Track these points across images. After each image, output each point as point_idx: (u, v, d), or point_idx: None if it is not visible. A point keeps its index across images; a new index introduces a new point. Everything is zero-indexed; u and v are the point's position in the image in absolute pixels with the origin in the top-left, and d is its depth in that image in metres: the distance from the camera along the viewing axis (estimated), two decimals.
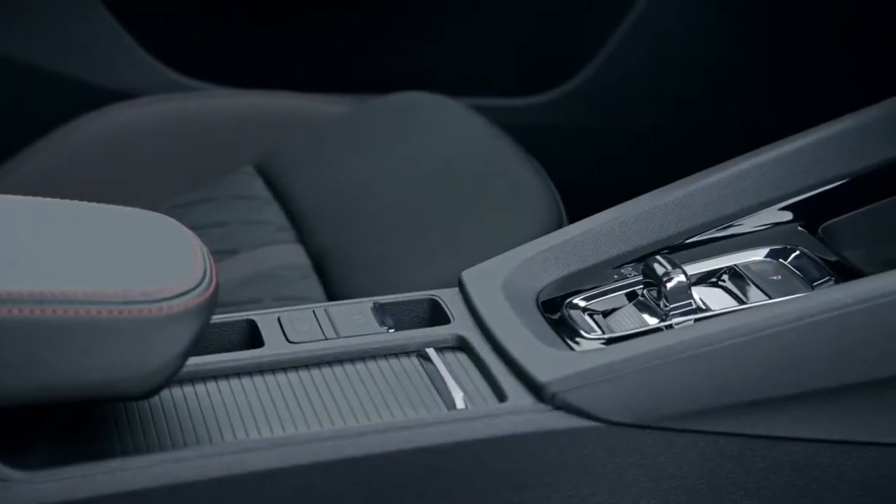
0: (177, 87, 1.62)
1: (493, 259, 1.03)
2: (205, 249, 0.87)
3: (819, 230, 1.04)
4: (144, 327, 0.81)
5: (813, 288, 0.98)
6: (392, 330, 0.97)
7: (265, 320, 0.97)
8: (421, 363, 0.95)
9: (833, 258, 1.01)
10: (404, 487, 0.86)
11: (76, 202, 0.89)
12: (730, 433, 0.88)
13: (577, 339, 0.97)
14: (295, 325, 0.96)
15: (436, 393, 0.91)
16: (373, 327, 0.97)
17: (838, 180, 1.05)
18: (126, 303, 0.81)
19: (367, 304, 0.99)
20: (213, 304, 0.84)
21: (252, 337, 0.96)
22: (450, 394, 0.91)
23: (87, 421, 0.87)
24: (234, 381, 0.92)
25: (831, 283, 0.98)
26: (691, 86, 1.63)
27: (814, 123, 1.08)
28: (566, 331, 0.97)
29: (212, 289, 0.84)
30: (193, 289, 0.83)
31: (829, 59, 1.54)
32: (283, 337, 0.95)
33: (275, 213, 1.36)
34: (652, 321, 0.97)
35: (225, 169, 1.45)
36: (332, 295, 1.24)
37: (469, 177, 1.33)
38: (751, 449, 0.88)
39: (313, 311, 0.98)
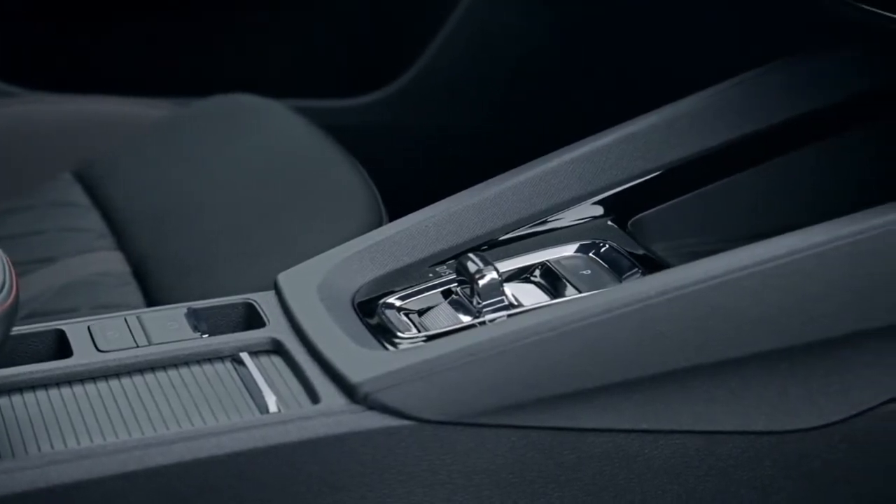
0: None
1: (309, 261, 1.03)
2: (5, 259, 0.85)
3: (628, 224, 1.07)
4: None
5: (621, 281, 1.00)
6: (206, 335, 0.97)
7: (75, 329, 0.95)
8: (235, 368, 0.94)
9: (641, 251, 1.03)
10: (217, 494, 0.85)
11: None
12: (540, 427, 0.89)
13: (393, 339, 0.97)
14: (106, 333, 0.95)
15: (249, 397, 0.91)
16: (186, 333, 0.96)
17: (646, 175, 1.08)
18: None
19: (180, 309, 0.98)
20: (12, 315, 0.82)
21: (61, 347, 0.94)
22: (263, 398, 0.90)
23: None
24: (41, 393, 0.90)
25: (639, 275, 1.00)
26: (513, 86, 1.65)
27: (624, 119, 1.11)
28: (381, 331, 0.98)
29: (11, 299, 0.82)
30: None
31: (641, 58, 1.58)
32: (92, 346, 0.94)
33: (94, 221, 1.34)
34: (466, 318, 0.98)
35: (44, 176, 1.42)
36: (151, 302, 1.22)
37: (290, 179, 1.33)
38: (560, 441, 0.89)
39: (125, 319, 0.97)
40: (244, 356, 0.94)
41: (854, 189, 1.06)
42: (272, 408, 0.89)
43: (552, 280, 1.02)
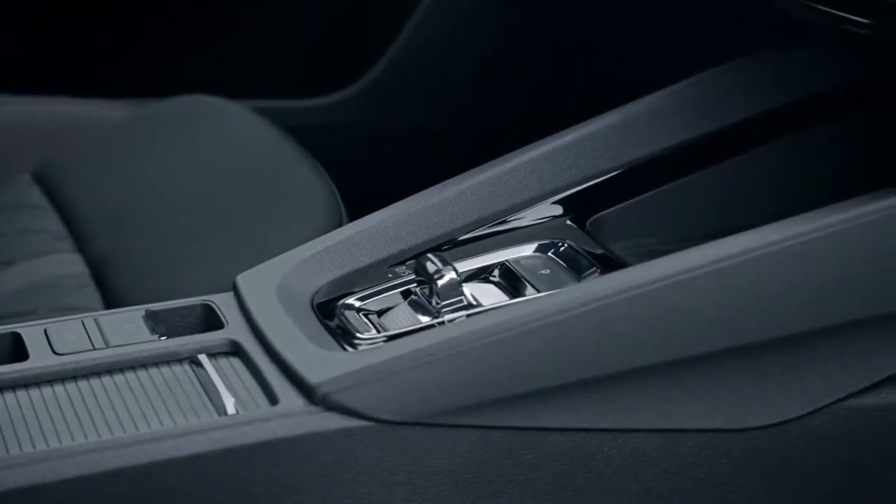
0: None
1: (268, 262, 1.03)
2: None
3: (587, 224, 1.07)
4: None
5: (580, 281, 1.01)
6: (164, 337, 0.96)
7: (31, 332, 0.94)
8: (193, 370, 0.94)
9: (599, 251, 1.04)
10: (175, 497, 0.85)
11: None
12: (499, 426, 0.89)
13: (352, 340, 0.97)
14: (62, 336, 0.94)
15: (207, 399, 0.91)
16: (144, 335, 0.96)
17: (604, 174, 1.08)
18: None
19: (138, 312, 0.98)
20: None
21: (16, 350, 0.94)
22: (221, 400, 0.90)
23: None
24: None
25: (597, 275, 1.01)
26: (474, 86, 1.65)
27: (585, 118, 1.11)
28: (340, 332, 0.98)
29: None
30: None
31: (602, 57, 1.59)
32: (49, 349, 0.93)
33: (53, 222, 1.33)
34: (425, 319, 0.98)
35: (1, 178, 1.41)
36: (110, 304, 1.22)
37: (250, 180, 1.32)
38: (519, 441, 0.89)
39: (82, 322, 0.96)
40: (202, 358, 0.94)
41: (810, 188, 1.07)
42: (230, 409, 0.89)
43: (511, 280, 1.02)
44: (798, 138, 1.09)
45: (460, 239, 1.06)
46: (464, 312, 0.97)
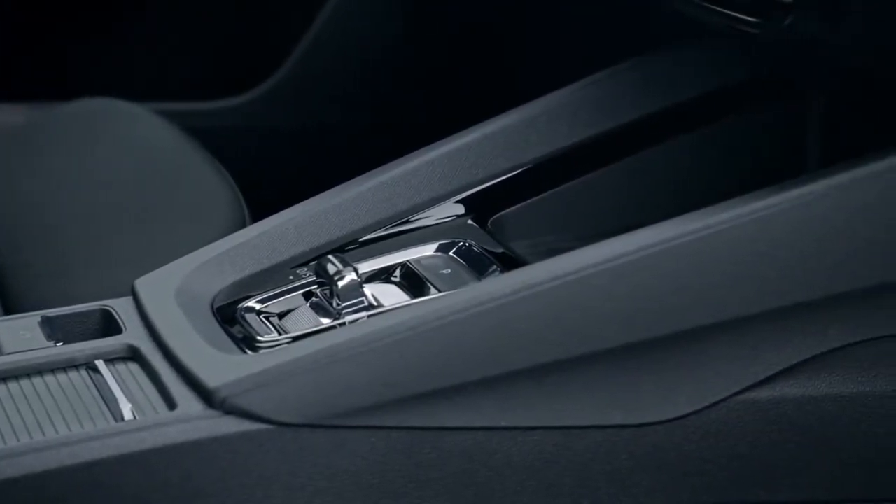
0: None
1: (168, 266, 1.02)
2: None
3: (489, 223, 1.08)
4: None
5: (480, 280, 1.01)
6: (61, 344, 0.95)
7: None
8: (90, 376, 0.93)
9: (500, 250, 1.04)
10: None
11: None
12: (400, 427, 0.89)
13: (252, 343, 0.97)
14: None
15: (104, 405, 0.90)
16: (40, 342, 0.94)
17: (505, 174, 1.08)
18: None
19: (34, 318, 0.97)
20: None
21: None
22: (118, 405, 0.89)
23: None
24: None
25: (497, 274, 1.01)
26: (377, 88, 1.65)
27: (490, 117, 1.12)
28: (240, 335, 0.97)
29: None
30: None
31: (506, 55, 1.60)
32: None
33: None
34: (326, 320, 0.98)
35: None
36: (8, 310, 1.19)
37: (152, 183, 1.31)
38: (420, 441, 0.89)
39: None
40: (99, 364, 0.93)
41: (705, 185, 1.08)
42: (127, 415, 0.88)
43: (412, 280, 1.02)
44: (693, 136, 1.11)
45: (362, 240, 1.06)
46: (365, 313, 0.97)
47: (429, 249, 1.05)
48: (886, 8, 0.88)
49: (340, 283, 0.97)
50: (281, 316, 1.00)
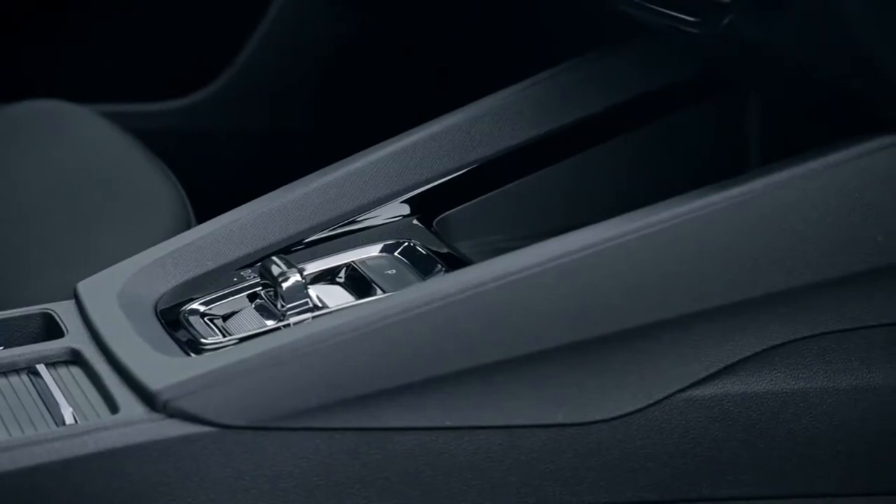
0: None
1: (110, 268, 1.02)
2: None
3: (434, 223, 1.08)
4: None
5: (425, 280, 1.01)
6: (2, 348, 0.94)
7: None
8: (31, 380, 0.92)
9: (445, 250, 1.04)
10: None
11: None
12: (344, 428, 0.89)
13: (196, 345, 0.96)
14: None
15: (45, 410, 0.89)
16: None
17: (450, 174, 1.08)
18: None
19: None
20: None
21: None
22: (59, 410, 0.88)
23: None
24: None
25: (442, 273, 1.01)
26: (323, 89, 1.65)
27: (430, 118, 1.12)
28: (184, 338, 0.97)
29: None
30: None
31: (454, 55, 1.60)
32: None
33: None
34: (270, 322, 0.98)
35: None
36: None
37: (95, 185, 1.30)
38: (366, 442, 0.89)
39: None
40: (40, 368, 0.92)
41: (648, 184, 1.09)
42: (68, 419, 0.87)
43: (357, 281, 1.02)
44: (636, 135, 1.11)
45: (307, 241, 1.06)
46: (310, 314, 0.97)
47: (374, 250, 1.05)
48: (823, 7, 0.89)
49: (285, 285, 0.97)
50: (225, 318, 1.00)
